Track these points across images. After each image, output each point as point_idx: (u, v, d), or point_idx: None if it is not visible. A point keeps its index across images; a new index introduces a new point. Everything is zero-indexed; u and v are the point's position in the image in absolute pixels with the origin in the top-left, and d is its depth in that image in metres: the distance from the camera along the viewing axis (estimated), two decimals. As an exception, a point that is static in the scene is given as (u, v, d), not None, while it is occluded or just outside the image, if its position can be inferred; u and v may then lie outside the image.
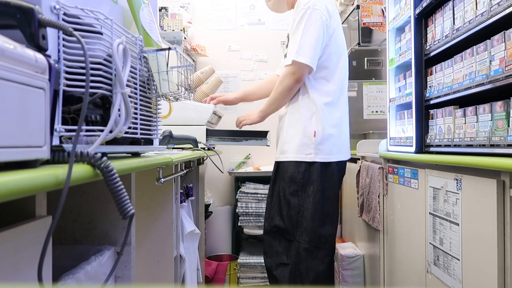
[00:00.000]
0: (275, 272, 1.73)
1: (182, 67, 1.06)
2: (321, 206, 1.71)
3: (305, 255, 1.69)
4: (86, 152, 0.61)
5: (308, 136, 1.71)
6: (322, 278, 1.71)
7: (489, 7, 1.10)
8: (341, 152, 1.77)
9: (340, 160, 1.76)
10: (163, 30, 2.74)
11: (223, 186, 3.27)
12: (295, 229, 1.70)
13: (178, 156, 1.28)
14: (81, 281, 0.74)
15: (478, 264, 1.09)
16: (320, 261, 1.71)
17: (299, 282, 1.69)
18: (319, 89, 1.73)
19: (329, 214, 1.74)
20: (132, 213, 0.66)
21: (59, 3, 0.66)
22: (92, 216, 0.98)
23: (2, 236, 0.53)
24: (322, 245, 1.71)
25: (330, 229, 1.74)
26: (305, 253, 1.69)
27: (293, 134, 1.75)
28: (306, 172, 1.70)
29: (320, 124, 1.71)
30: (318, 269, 1.70)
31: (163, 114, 1.73)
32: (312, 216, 1.69)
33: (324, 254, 1.72)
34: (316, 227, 1.69)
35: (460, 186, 1.19)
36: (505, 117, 1.05)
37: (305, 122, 1.72)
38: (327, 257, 1.74)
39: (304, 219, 1.69)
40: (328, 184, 1.73)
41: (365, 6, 2.58)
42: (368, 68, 2.60)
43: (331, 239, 1.75)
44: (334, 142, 1.73)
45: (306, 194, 1.70)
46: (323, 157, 1.70)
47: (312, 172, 1.71)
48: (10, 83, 0.46)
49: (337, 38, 1.77)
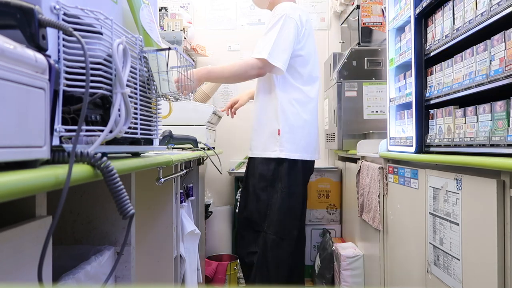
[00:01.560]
0: (246, 259, 1.93)
1: (182, 67, 1.06)
2: (287, 201, 1.86)
3: (272, 245, 1.86)
4: (86, 152, 0.61)
5: (273, 134, 1.87)
6: (285, 265, 1.89)
7: (489, 7, 1.10)
8: (308, 152, 1.91)
9: (305, 159, 1.90)
10: (163, 30, 2.74)
11: (223, 186, 3.27)
12: (263, 221, 1.87)
13: (178, 156, 1.28)
14: (81, 281, 0.74)
15: (478, 264, 1.09)
16: (284, 251, 1.88)
17: (265, 269, 1.87)
18: (288, 91, 1.87)
19: (293, 208, 1.89)
20: (132, 213, 0.66)
21: (59, 3, 0.66)
22: (92, 216, 0.98)
23: (2, 236, 0.53)
24: (286, 236, 1.88)
25: (294, 221, 1.90)
26: (271, 243, 1.86)
27: (261, 132, 1.91)
28: (275, 170, 1.86)
29: (286, 124, 1.85)
30: (283, 257, 1.88)
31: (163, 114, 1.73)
32: (279, 210, 1.85)
33: (287, 244, 1.88)
34: (282, 220, 1.86)
35: (460, 186, 1.19)
36: (505, 117, 1.05)
37: (271, 121, 1.87)
38: (290, 247, 1.90)
39: (272, 212, 1.86)
40: (294, 181, 1.88)
41: (365, 6, 2.58)
42: (368, 68, 2.60)
43: (293, 230, 1.91)
44: (299, 142, 1.87)
45: (274, 190, 1.86)
46: (287, 154, 1.85)
47: (280, 170, 1.86)
48: (10, 83, 0.46)
49: (309, 47, 1.91)
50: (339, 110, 2.59)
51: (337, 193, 2.86)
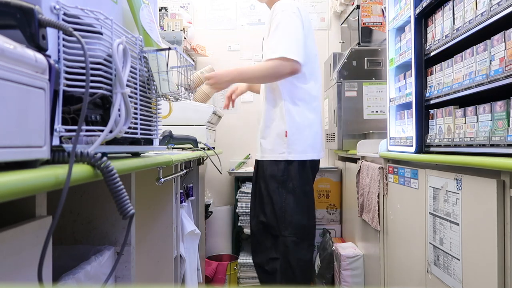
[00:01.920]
0: (267, 267, 1.85)
1: (182, 67, 1.06)
2: (301, 200, 1.82)
3: (293, 247, 1.80)
4: (86, 152, 0.61)
5: (281, 136, 1.83)
6: (309, 266, 1.86)
7: (489, 7, 1.10)
8: (315, 151, 1.88)
9: (313, 159, 1.88)
10: (163, 30, 2.74)
11: (223, 186, 3.27)
12: (280, 224, 1.81)
13: (178, 156, 1.28)
14: (81, 281, 0.74)
15: (478, 264, 1.09)
16: (306, 251, 1.84)
17: (290, 273, 1.80)
18: (291, 91, 1.84)
19: (308, 208, 1.85)
20: (132, 213, 0.66)
21: (59, 3, 0.66)
22: (92, 216, 0.98)
23: (2, 236, 0.53)
24: (306, 236, 1.83)
25: (311, 220, 1.87)
26: (292, 245, 1.80)
27: (268, 134, 1.87)
28: (285, 170, 1.82)
29: (293, 124, 1.82)
30: (306, 258, 1.84)
31: (163, 114, 1.73)
32: (294, 210, 1.80)
33: (308, 244, 1.85)
34: (299, 221, 1.81)
35: (460, 186, 1.19)
36: (505, 117, 1.05)
37: (278, 123, 1.84)
38: (311, 246, 1.87)
39: (287, 214, 1.81)
40: (305, 181, 1.84)
41: (365, 6, 2.58)
42: (368, 68, 2.60)
43: (312, 229, 1.88)
44: (306, 142, 1.84)
45: (287, 190, 1.81)
46: (296, 156, 1.82)
47: (290, 170, 1.82)
48: (10, 83, 0.46)
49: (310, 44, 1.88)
50: (339, 110, 2.59)
51: (337, 193, 2.86)
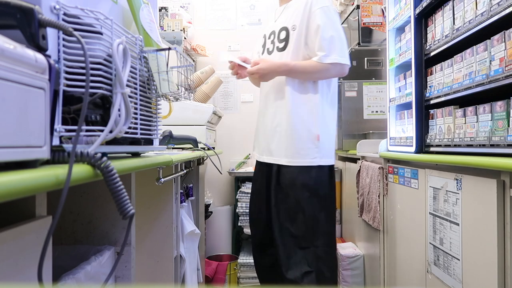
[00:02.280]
0: (302, 283, 1.69)
1: (182, 67, 1.06)
2: (330, 207, 1.73)
3: (325, 257, 1.70)
4: (86, 152, 0.61)
5: (312, 140, 1.68)
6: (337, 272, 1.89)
7: (489, 7, 1.10)
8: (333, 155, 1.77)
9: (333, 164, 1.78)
10: (163, 30, 2.74)
11: (223, 186, 3.27)
12: (312, 235, 1.69)
13: (178, 156, 1.28)
14: (81, 281, 0.74)
15: (478, 264, 1.09)
16: (334, 257, 1.82)
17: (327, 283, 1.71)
18: (324, 93, 1.71)
19: (333, 213, 1.78)
20: (132, 213, 0.66)
21: (59, 3, 0.66)
22: (92, 216, 0.98)
23: (2, 236, 0.53)
24: (334, 244, 1.81)
25: (334, 226, 1.81)
26: (324, 255, 1.70)
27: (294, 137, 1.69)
28: (317, 177, 1.69)
29: (325, 129, 1.70)
30: (335, 264, 1.85)
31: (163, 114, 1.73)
32: (326, 219, 1.70)
33: (335, 250, 1.85)
34: (329, 228, 1.73)
35: (460, 186, 1.19)
36: (505, 117, 1.05)
37: (308, 125, 1.68)
38: (336, 251, 1.89)
39: (320, 224, 1.69)
40: (332, 186, 1.76)
41: (365, 6, 2.58)
42: (368, 68, 2.60)
43: (335, 236, 1.85)
44: (332, 147, 1.75)
45: (319, 199, 1.69)
46: (327, 161, 1.71)
47: (321, 177, 1.70)
48: (10, 83, 0.46)
49: None
50: (339, 110, 2.58)
51: (337, 193, 2.86)
